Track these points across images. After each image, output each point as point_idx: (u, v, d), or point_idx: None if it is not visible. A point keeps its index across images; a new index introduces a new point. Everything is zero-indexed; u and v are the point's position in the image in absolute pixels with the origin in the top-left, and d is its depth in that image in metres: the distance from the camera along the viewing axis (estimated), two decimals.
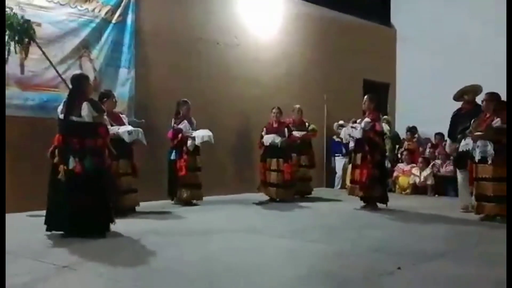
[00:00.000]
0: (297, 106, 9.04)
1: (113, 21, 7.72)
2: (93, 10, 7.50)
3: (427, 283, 3.73)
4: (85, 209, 5.00)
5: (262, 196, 8.42)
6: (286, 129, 8.39)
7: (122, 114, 7.08)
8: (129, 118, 7.58)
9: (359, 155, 7.40)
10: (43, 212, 6.24)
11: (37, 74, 6.91)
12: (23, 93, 6.81)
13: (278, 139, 8.19)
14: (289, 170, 8.22)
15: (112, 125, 6.35)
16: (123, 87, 7.85)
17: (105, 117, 5.77)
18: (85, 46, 7.42)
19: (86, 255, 4.40)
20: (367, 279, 3.80)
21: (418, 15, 11.84)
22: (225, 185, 8.83)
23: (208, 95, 8.74)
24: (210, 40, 9.03)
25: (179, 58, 8.53)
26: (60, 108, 5.25)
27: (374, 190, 7.36)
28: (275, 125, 8.38)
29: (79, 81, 5.33)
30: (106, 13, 7.63)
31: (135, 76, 7.98)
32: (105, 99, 6.54)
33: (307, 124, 9.12)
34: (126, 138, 6.48)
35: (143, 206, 7.00)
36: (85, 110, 5.04)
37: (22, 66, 6.77)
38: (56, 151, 5.08)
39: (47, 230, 5.16)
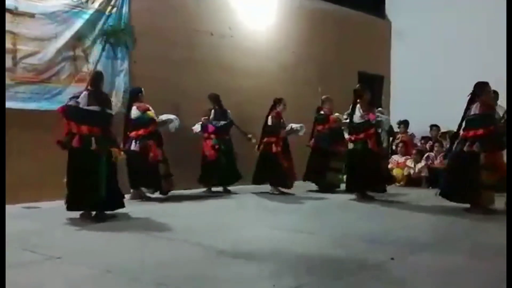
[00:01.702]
0: (327, 96, 8.98)
1: (107, 12, 7.68)
2: (87, 1, 7.45)
3: (420, 272, 3.76)
4: (115, 189, 5.75)
5: (255, 188, 8.46)
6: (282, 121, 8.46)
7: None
8: (123, 110, 7.60)
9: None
10: (38, 204, 6.31)
11: (30, 66, 6.87)
12: (14, 86, 6.76)
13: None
14: None
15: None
16: (117, 79, 7.82)
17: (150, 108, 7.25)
18: (79, 38, 7.38)
19: (82, 246, 4.44)
20: (361, 269, 3.83)
21: (413, 8, 11.82)
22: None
23: (201, 87, 8.71)
24: (204, 31, 9.00)
25: (172, 49, 8.49)
26: (83, 100, 5.61)
27: None
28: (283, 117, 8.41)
29: (102, 78, 6.00)
30: (100, 4, 7.58)
31: (129, 68, 7.95)
32: (140, 94, 7.35)
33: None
34: (177, 123, 7.48)
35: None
36: (111, 105, 5.94)
37: (14, 59, 6.73)
38: (93, 139, 5.55)
39: (73, 210, 5.63)
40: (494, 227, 5.64)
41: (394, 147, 10.60)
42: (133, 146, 7.16)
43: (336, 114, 10.37)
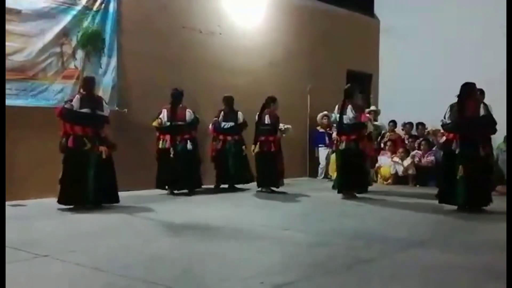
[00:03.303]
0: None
1: (94, 8, 7.60)
2: None
3: (408, 269, 3.78)
4: (110, 182, 6.30)
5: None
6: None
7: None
8: (112, 107, 7.54)
9: None
10: (23, 202, 6.26)
11: (17, 63, 6.79)
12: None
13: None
14: None
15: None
16: (105, 76, 7.75)
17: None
18: (66, 34, 7.30)
19: (70, 245, 4.39)
20: (349, 266, 3.84)
21: (401, 6, 11.86)
22: (208, 176, 8.77)
23: (190, 84, 8.66)
24: (192, 29, 8.96)
25: (161, 46, 8.45)
26: (76, 103, 6.15)
27: None
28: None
29: (94, 82, 6.54)
30: (88, 0, 7.51)
31: (117, 65, 7.89)
32: (182, 97, 7.73)
33: None
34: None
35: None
36: (106, 106, 6.43)
37: None
38: (86, 139, 6.12)
39: (64, 204, 6.10)
40: (481, 225, 5.70)
41: (382, 145, 10.64)
42: (189, 146, 7.68)
43: (325, 112, 10.47)
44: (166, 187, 7.79)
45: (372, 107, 10.03)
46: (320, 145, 10.85)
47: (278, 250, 4.34)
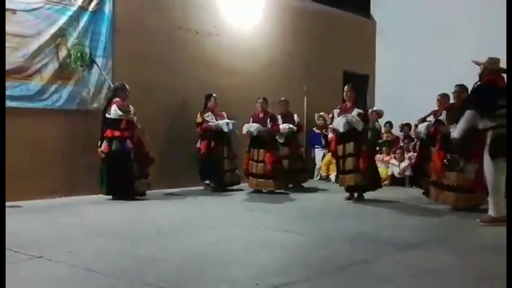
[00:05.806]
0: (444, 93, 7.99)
1: (90, 9, 7.57)
2: None
3: (406, 270, 3.77)
4: (117, 177, 7.00)
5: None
6: (268, 120, 8.33)
7: (223, 112, 8.57)
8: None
9: (350, 144, 7.33)
10: (19, 203, 6.25)
11: (12, 63, 6.75)
12: None
13: (253, 128, 8.21)
14: (271, 161, 8.07)
15: (216, 120, 8.35)
16: (100, 76, 7.72)
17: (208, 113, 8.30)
18: (62, 35, 7.27)
19: (65, 246, 4.36)
20: (347, 267, 3.83)
21: (398, 8, 11.91)
22: None
23: (187, 85, 8.67)
24: (189, 29, 8.95)
25: (157, 47, 8.43)
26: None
27: (371, 177, 7.41)
28: (261, 115, 8.35)
29: (116, 90, 7.33)
30: (83, 1, 7.48)
31: (113, 66, 7.87)
32: (207, 100, 8.37)
33: None
34: (225, 128, 8.29)
35: None
36: (112, 110, 7.05)
37: None
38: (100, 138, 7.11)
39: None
40: (478, 226, 5.68)
41: (378, 147, 10.62)
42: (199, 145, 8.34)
43: (321, 113, 10.47)
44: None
45: (374, 108, 10.02)
46: (316, 146, 10.86)
47: (274, 252, 4.32)
